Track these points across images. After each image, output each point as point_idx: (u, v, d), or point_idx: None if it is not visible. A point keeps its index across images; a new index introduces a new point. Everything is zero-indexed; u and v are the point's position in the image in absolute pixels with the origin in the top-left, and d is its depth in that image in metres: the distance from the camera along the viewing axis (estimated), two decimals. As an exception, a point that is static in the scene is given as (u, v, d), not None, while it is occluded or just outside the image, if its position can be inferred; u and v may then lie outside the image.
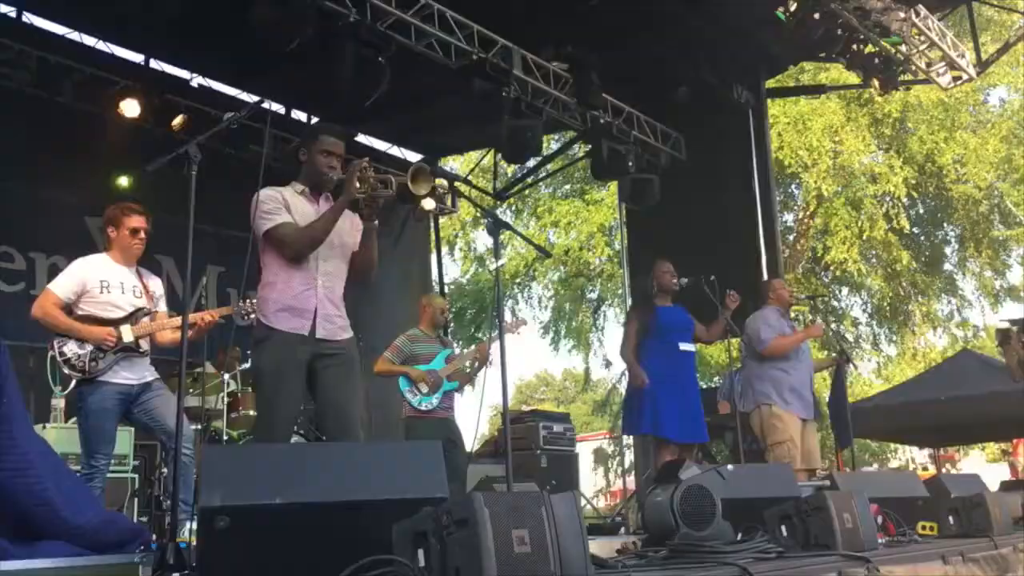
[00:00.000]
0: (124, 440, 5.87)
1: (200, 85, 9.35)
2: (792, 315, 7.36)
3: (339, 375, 3.90)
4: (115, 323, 4.69)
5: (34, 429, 2.71)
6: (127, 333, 4.70)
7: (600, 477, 28.73)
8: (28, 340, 6.23)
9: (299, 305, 3.85)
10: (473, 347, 8.34)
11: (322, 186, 4.05)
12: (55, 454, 2.84)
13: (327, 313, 3.90)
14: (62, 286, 4.70)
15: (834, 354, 8.28)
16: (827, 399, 8.09)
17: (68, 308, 4.69)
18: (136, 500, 6.18)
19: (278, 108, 10.27)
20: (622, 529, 7.69)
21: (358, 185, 3.83)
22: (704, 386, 13.63)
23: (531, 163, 12.78)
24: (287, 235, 3.86)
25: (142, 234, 4.86)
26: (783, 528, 3.59)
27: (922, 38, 9.54)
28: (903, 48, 9.39)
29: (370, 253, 4.07)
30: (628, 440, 11.70)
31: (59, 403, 5.82)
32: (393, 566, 2.29)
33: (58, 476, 2.66)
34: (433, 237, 12.69)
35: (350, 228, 4.05)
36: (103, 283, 4.73)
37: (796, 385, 6.45)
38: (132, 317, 4.76)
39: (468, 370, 6.77)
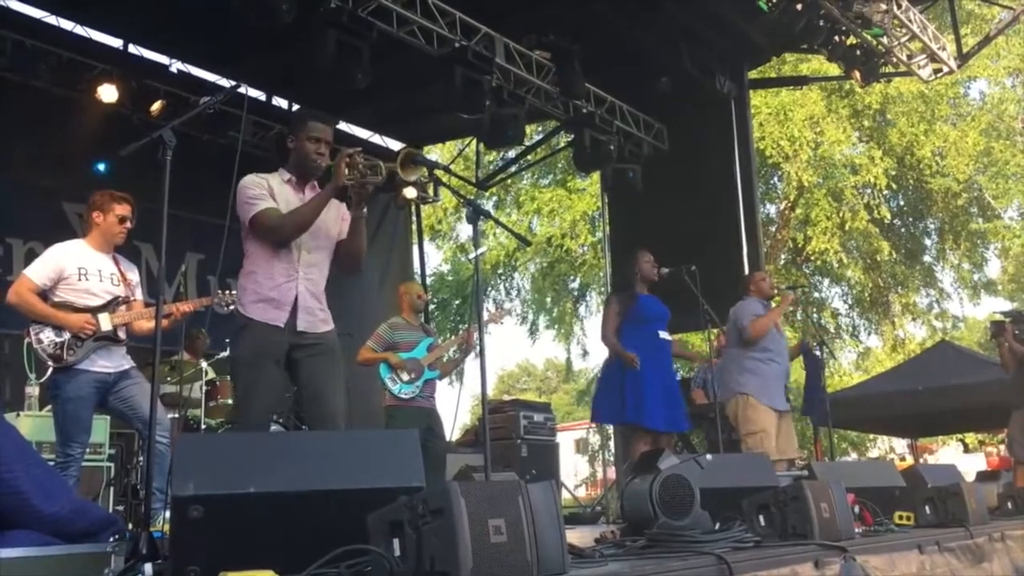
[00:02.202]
0: (100, 428, 5.82)
1: (179, 70, 9.25)
2: (773, 306, 7.38)
3: (320, 364, 3.86)
4: (92, 311, 4.65)
5: (4, 417, 2.67)
6: (105, 321, 4.66)
7: (583, 465, 28.83)
8: (3, 327, 6.18)
9: (278, 297, 3.79)
10: (456, 335, 8.35)
11: (309, 174, 3.98)
12: (26, 442, 2.81)
13: (308, 306, 3.84)
14: (38, 272, 4.64)
15: (804, 339, 8.40)
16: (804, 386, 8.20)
17: (44, 294, 4.64)
18: (112, 489, 6.13)
19: (258, 95, 10.19)
20: (602, 519, 7.72)
21: (347, 172, 3.77)
22: (683, 375, 13.68)
23: (513, 153, 12.77)
24: (272, 219, 3.79)
25: (128, 223, 4.83)
26: (761, 517, 3.59)
27: (903, 30, 9.58)
28: (884, 40, 9.42)
29: (359, 242, 3.99)
30: (610, 430, 11.73)
31: (34, 391, 5.75)
32: (368, 556, 2.28)
33: (29, 464, 2.62)
34: (415, 227, 12.65)
35: (336, 218, 3.99)
36: (81, 270, 4.68)
37: (774, 376, 6.49)
38: (109, 305, 4.72)
39: (452, 357, 6.76)
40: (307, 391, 3.89)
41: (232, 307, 5.08)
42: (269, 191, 3.85)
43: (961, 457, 22.12)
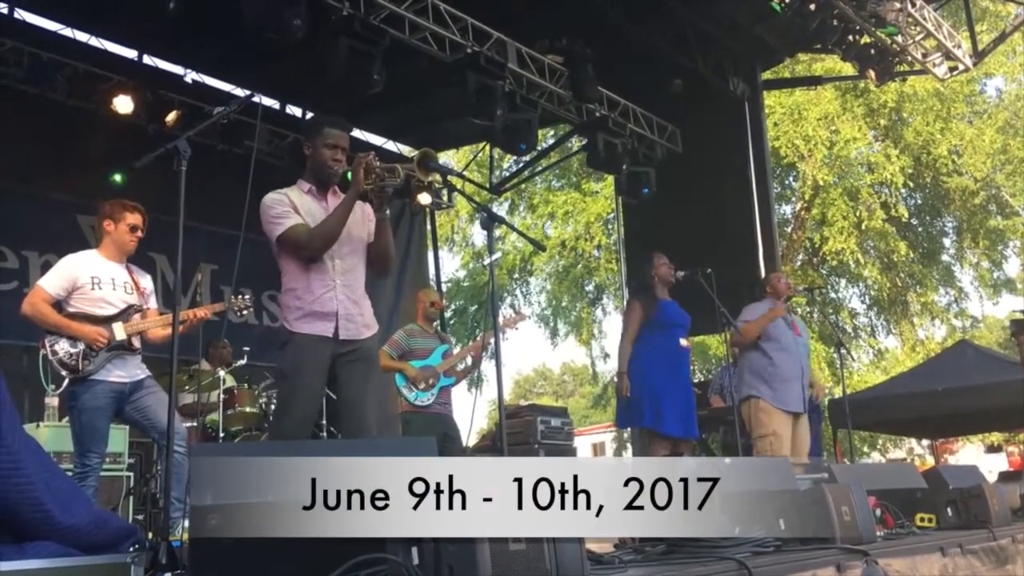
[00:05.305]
0: (119, 438, 5.84)
1: (194, 81, 9.30)
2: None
3: (356, 372, 3.89)
4: (106, 320, 4.65)
5: (23, 428, 2.67)
6: (119, 331, 4.66)
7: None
8: (22, 339, 6.23)
9: (321, 309, 3.82)
10: (470, 343, 8.35)
11: (328, 181, 3.99)
12: (45, 453, 2.80)
13: (348, 313, 3.87)
14: (52, 283, 4.65)
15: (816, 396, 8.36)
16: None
17: (59, 305, 4.65)
18: (131, 499, 6.15)
19: (272, 103, 10.22)
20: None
21: (364, 178, 3.78)
22: (699, 379, 13.62)
23: (527, 157, 12.76)
24: (300, 236, 3.81)
25: (139, 232, 4.82)
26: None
27: (918, 28, 9.52)
28: (899, 38, 9.37)
29: (386, 244, 4.04)
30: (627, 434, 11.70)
31: (53, 402, 5.77)
32: (387, 564, 2.27)
33: (48, 475, 2.62)
34: (430, 233, 12.64)
35: (361, 220, 4.01)
36: (94, 279, 4.68)
37: (786, 377, 6.35)
38: (124, 314, 4.72)
39: (466, 366, 6.75)
40: (341, 398, 3.93)
41: (246, 313, 5.10)
42: (292, 206, 3.86)
43: (983, 457, 21.95)
